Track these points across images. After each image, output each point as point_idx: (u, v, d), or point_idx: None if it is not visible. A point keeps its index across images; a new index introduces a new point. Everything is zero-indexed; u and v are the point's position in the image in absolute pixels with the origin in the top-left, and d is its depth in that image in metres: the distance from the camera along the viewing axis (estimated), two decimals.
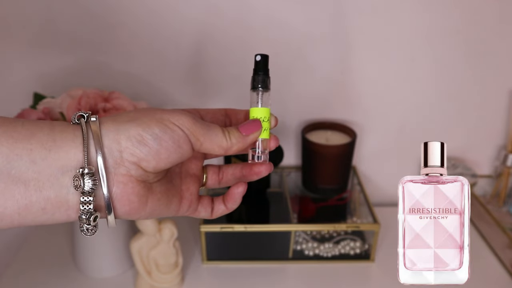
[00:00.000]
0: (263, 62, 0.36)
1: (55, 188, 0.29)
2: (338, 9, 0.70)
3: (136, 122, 0.31)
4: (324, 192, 0.77)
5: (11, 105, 0.62)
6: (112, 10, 0.68)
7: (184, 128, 0.32)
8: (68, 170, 0.29)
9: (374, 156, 0.83)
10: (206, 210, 0.38)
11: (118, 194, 0.31)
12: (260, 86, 0.36)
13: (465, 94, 0.78)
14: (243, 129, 0.35)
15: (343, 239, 0.72)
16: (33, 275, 0.67)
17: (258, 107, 0.36)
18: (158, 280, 0.63)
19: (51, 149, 0.29)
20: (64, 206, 0.30)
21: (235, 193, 0.37)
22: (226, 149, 0.34)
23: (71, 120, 0.32)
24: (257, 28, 0.70)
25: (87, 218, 0.30)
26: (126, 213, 0.32)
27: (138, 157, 0.31)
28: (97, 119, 0.31)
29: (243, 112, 0.39)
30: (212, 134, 0.33)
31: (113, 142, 0.30)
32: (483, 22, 0.72)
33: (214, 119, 0.38)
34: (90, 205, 0.30)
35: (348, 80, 0.76)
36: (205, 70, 0.73)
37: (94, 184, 0.29)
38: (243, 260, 0.70)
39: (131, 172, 0.31)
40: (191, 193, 0.37)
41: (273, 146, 0.37)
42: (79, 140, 0.30)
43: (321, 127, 0.77)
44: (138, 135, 0.31)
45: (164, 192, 0.34)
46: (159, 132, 0.31)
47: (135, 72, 0.73)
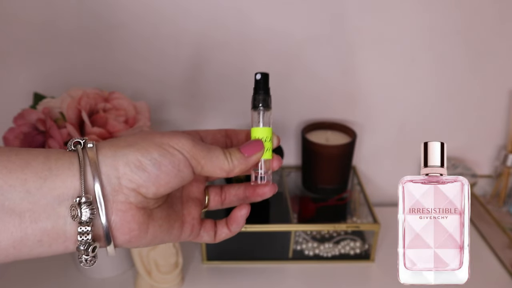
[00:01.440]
0: (263, 81, 0.36)
1: (51, 219, 0.28)
2: (338, 9, 0.70)
3: (135, 147, 0.30)
4: (324, 192, 0.77)
5: (11, 105, 0.62)
6: (112, 10, 0.68)
7: (184, 151, 0.31)
8: (65, 199, 0.28)
9: (374, 156, 0.83)
10: (209, 235, 0.37)
11: (118, 223, 0.30)
12: (261, 105, 0.35)
13: (465, 94, 0.78)
14: (245, 150, 0.34)
15: (343, 239, 0.72)
16: (33, 275, 0.67)
17: (260, 126, 0.35)
18: (158, 280, 0.63)
19: (47, 178, 0.28)
20: (62, 237, 0.29)
21: (238, 216, 0.37)
22: (228, 171, 0.33)
23: (67, 147, 0.31)
24: (258, 24, 0.70)
25: (86, 249, 0.29)
26: (126, 241, 0.31)
27: (137, 183, 0.30)
28: (94, 145, 0.30)
29: (244, 133, 0.38)
30: (213, 156, 0.33)
31: (110, 168, 0.29)
32: (483, 22, 0.72)
33: (214, 140, 0.37)
34: (88, 235, 0.29)
35: (348, 80, 0.76)
36: (204, 75, 0.74)
37: (92, 214, 0.28)
38: (243, 260, 0.70)
39: (130, 199, 0.30)
40: (193, 218, 0.36)
41: (276, 167, 0.36)
42: (76, 168, 0.29)
43: (321, 127, 0.77)
44: (136, 160, 0.30)
45: (165, 218, 0.33)
46: (158, 156, 0.30)
47: (135, 72, 0.73)
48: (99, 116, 0.59)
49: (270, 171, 0.36)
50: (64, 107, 0.57)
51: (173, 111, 0.77)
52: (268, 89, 0.36)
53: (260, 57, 0.73)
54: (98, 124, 0.59)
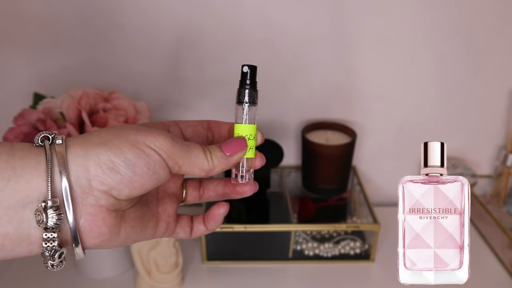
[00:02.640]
0: (251, 74, 0.33)
1: (13, 223, 0.26)
2: (338, 9, 0.70)
3: (107, 146, 0.28)
4: (324, 192, 0.77)
5: (11, 105, 0.62)
6: (112, 10, 0.68)
7: (161, 151, 0.29)
8: (30, 202, 0.26)
9: (374, 156, 0.83)
10: (184, 231, 0.35)
11: (87, 227, 0.27)
12: (246, 100, 0.33)
13: (465, 94, 0.78)
14: (227, 149, 0.32)
15: (343, 239, 0.72)
16: (33, 275, 0.67)
17: (244, 123, 0.33)
18: (158, 280, 0.63)
19: (10, 178, 0.26)
20: (26, 241, 0.26)
21: (216, 214, 0.35)
22: (207, 171, 0.31)
23: (34, 142, 0.28)
24: (258, 25, 0.70)
25: (51, 255, 0.27)
26: (96, 245, 0.28)
27: (109, 185, 0.27)
28: (63, 141, 0.28)
29: (227, 126, 0.36)
30: (192, 156, 0.30)
31: (80, 169, 0.27)
32: (483, 22, 0.72)
33: (195, 132, 0.35)
34: (54, 242, 0.27)
35: (348, 80, 0.76)
36: (205, 75, 0.74)
37: (59, 219, 0.26)
38: (243, 260, 0.70)
39: (101, 201, 0.27)
40: (169, 215, 0.34)
41: (259, 165, 0.34)
42: (42, 168, 0.26)
43: (321, 127, 0.77)
44: (109, 161, 0.27)
45: (139, 219, 0.31)
46: (133, 157, 0.28)
47: (135, 72, 0.73)
48: (99, 116, 0.59)
49: (252, 169, 0.34)
50: (64, 107, 0.57)
51: (173, 111, 0.77)
52: (255, 83, 0.33)
53: (260, 58, 0.73)
54: (98, 124, 0.59)
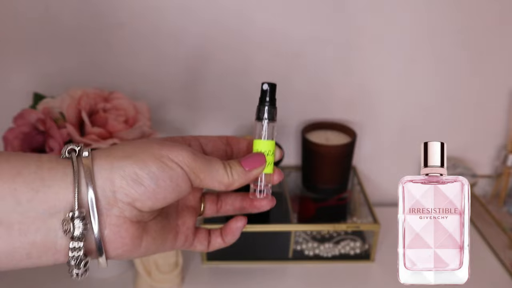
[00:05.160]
0: (270, 91, 0.34)
1: (41, 232, 0.27)
2: (338, 9, 0.70)
3: (132, 159, 0.29)
4: (324, 192, 0.77)
5: (11, 105, 0.62)
6: (113, 10, 0.68)
7: (183, 165, 0.30)
8: (57, 211, 0.27)
9: (374, 156, 0.83)
10: (202, 244, 0.36)
11: (111, 237, 0.29)
12: (266, 117, 0.34)
13: (465, 94, 0.78)
14: (246, 164, 0.33)
15: (343, 239, 0.72)
16: (33, 275, 0.67)
17: (263, 139, 0.34)
18: (158, 280, 0.63)
19: (39, 189, 0.27)
20: (52, 250, 0.27)
21: (234, 228, 0.36)
22: (227, 186, 0.32)
23: (61, 153, 0.29)
24: (258, 25, 0.70)
25: (77, 264, 0.28)
26: (118, 255, 0.30)
27: (133, 197, 0.28)
28: (90, 153, 0.29)
29: (245, 142, 0.37)
30: (212, 170, 0.31)
31: (106, 181, 0.28)
32: (483, 22, 0.72)
33: (215, 148, 0.36)
34: (80, 251, 0.28)
35: (348, 80, 0.76)
36: (204, 75, 0.73)
37: (85, 229, 0.27)
38: (243, 260, 0.70)
39: (125, 213, 0.29)
40: (188, 228, 0.35)
41: (277, 181, 0.35)
42: (70, 179, 0.28)
43: (321, 127, 0.77)
44: (133, 173, 0.28)
45: (160, 231, 0.32)
46: (157, 170, 0.29)
47: (135, 72, 0.73)
48: (99, 116, 0.59)
49: (270, 184, 0.35)
50: (64, 107, 0.57)
51: (173, 111, 0.77)
52: (274, 100, 0.35)
53: (260, 58, 0.73)
54: (98, 124, 0.59)
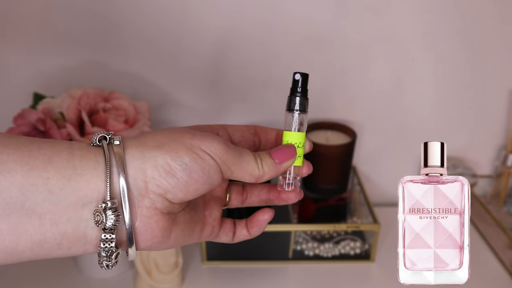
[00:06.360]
0: (302, 81, 0.33)
1: (72, 222, 0.26)
2: (338, 9, 0.70)
3: (164, 149, 0.28)
4: (324, 192, 0.77)
5: (11, 105, 0.62)
6: (113, 10, 0.68)
7: (215, 156, 0.29)
8: (88, 202, 0.27)
9: (374, 156, 0.83)
10: (227, 235, 0.35)
11: (141, 228, 0.28)
12: (297, 108, 0.33)
13: (465, 94, 0.78)
14: (276, 156, 0.32)
15: (343, 239, 0.72)
16: (33, 275, 0.67)
17: (293, 131, 0.33)
18: (158, 280, 0.63)
19: (71, 178, 0.26)
20: (82, 240, 0.27)
21: (261, 220, 0.35)
22: (257, 178, 0.32)
23: (91, 141, 0.29)
24: (257, 25, 0.70)
25: (108, 255, 0.28)
26: (147, 247, 0.29)
27: (164, 188, 0.28)
28: (121, 142, 0.28)
29: (274, 132, 0.36)
30: (243, 162, 0.31)
31: (138, 171, 0.28)
32: (483, 22, 0.72)
33: (242, 138, 0.36)
34: (112, 243, 0.27)
35: (348, 80, 0.76)
36: (208, 71, 0.73)
37: (117, 221, 0.27)
38: (243, 260, 0.70)
39: (156, 204, 0.28)
40: (214, 219, 0.34)
41: (306, 173, 0.35)
42: (101, 168, 0.27)
43: (321, 127, 0.77)
44: (166, 164, 0.28)
45: (188, 222, 0.31)
46: (189, 162, 0.28)
47: (135, 72, 0.73)
48: (99, 116, 0.60)
49: (299, 177, 0.34)
50: (64, 107, 0.57)
51: (173, 111, 0.77)
52: (306, 91, 0.33)
53: (260, 58, 0.73)
54: (98, 124, 0.59)
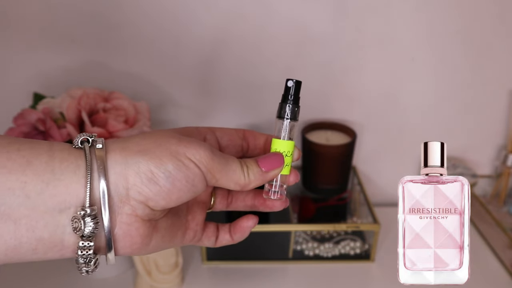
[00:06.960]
0: (295, 89, 0.33)
1: (49, 228, 0.26)
2: (338, 9, 0.70)
3: (148, 155, 0.27)
4: (324, 192, 0.77)
5: (11, 105, 0.62)
6: (113, 10, 0.68)
7: (201, 165, 0.29)
8: (67, 207, 0.26)
9: (374, 156, 0.83)
10: (210, 240, 0.35)
11: (121, 235, 0.27)
12: (288, 116, 0.32)
13: (465, 94, 0.78)
14: (264, 164, 0.31)
15: (343, 239, 0.72)
16: (33, 275, 0.67)
17: (282, 139, 0.32)
18: (158, 280, 0.63)
19: (49, 182, 0.25)
20: (58, 246, 0.26)
21: (244, 226, 0.34)
22: (243, 186, 0.31)
23: (73, 143, 0.28)
24: (257, 25, 0.70)
25: (87, 262, 0.27)
26: (126, 253, 0.29)
27: (146, 196, 0.27)
28: (103, 145, 0.27)
29: (263, 138, 0.35)
30: (229, 170, 0.30)
31: (119, 177, 0.27)
32: (483, 22, 0.72)
33: (230, 142, 0.35)
34: (90, 250, 0.27)
35: (348, 80, 0.76)
36: (208, 71, 0.73)
37: (96, 228, 0.26)
38: (243, 260, 0.70)
39: (137, 211, 0.27)
40: (197, 223, 0.34)
41: (293, 182, 0.34)
42: (82, 173, 0.26)
43: (321, 127, 0.77)
44: (149, 171, 0.27)
45: (169, 228, 0.31)
46: (173, 170, 0.27)
47: (135, 72, 0.73)
48: (99, 116, 0.60)
49: (285, 185, 0.34)
50: (64, 107, 0.57)
51: (173, 111, 0.77)
52: (298, 98, 0.33)
53: (260, 58, 0.73)
54: (98, 124, 0.59)
